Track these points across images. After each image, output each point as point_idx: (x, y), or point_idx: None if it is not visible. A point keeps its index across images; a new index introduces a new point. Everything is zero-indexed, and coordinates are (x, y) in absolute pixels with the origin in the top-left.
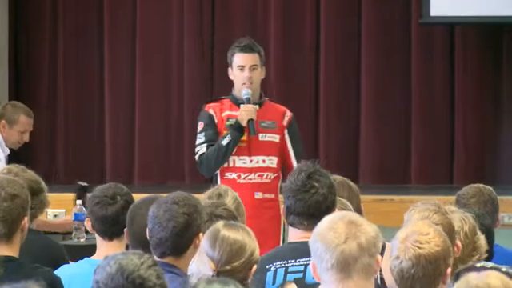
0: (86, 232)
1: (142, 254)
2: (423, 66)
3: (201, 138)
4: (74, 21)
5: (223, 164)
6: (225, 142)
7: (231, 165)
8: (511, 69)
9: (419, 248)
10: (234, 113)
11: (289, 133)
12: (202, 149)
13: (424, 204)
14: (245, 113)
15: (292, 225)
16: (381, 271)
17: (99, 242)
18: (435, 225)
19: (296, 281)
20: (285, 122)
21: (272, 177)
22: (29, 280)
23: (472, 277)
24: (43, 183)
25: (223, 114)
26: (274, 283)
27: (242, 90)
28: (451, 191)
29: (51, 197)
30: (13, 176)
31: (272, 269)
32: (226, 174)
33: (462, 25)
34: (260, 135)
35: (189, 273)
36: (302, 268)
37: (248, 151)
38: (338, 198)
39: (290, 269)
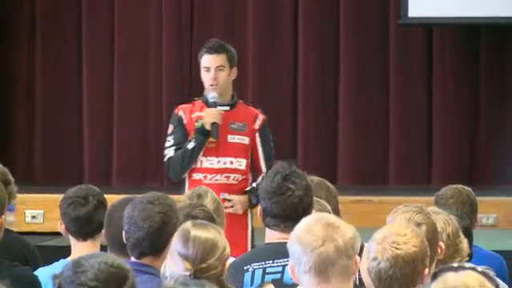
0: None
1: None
2: (401, 66)
3: (169, 141)
4: (53, 19)
5: (190, 167)
6: (190, 146)
7: (199, 165)
8: (489, 69)
9: (397, 249)
10: (203, 113)
11: (260, 136)
12: (169, 152)
13: (407, 206)
14: (207, 116)
15: (268, 226)
16: (359, 272)
17: (73, 243)
18: (419, 225)
19: (274, 281)
20: (256, 126)
21: (240, 179)
22: (5, 278)
23: (449, 277)
24: (10, 175)
25: (193, 115)
26: (251, 284)
27: (209, 91)
28: (429, 192)
29: (29, 198)
30: None
31: (250, 270)
32: (194, 174)
33: (440, 26)
34: (229, 136)
35: (166, 274)
36: (279, 269)
37: (216, 152)
38: (316, 199)
39: (267, 269)
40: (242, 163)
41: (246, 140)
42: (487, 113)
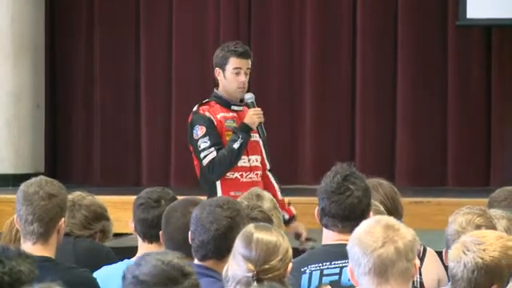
0: None
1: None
2: (460, 67)
3: (206, 142)
4: (110, 21)
5: (234, 166)
6: (236, 145)
7: None
8: None
9: (482, 256)
10: (228, 114)
11: (258, 131)
12: (211, 153)
13: (469, 208)
14: (256, 116)
15: (326, 226)
16: (420, 275)
17: (140, 243)
18: (478, 227)
19: (331, 283)
20: None
21: (260, 175)
22: (61, 280)
23: None
24: (108, 214)
25: (218, 116)
26: (309, 286)
27: (234, 92)
28: (488, 194)
29: None
30: (80, 198)
31: (307, 271)
32: (228, 174)
33: (499, 27)
34: None
35: (228, 276)
36: (337, 270)
37: (246, 151)
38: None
39: (325, 271)
40: (259, 160)
41: (256, 136)
42: None
